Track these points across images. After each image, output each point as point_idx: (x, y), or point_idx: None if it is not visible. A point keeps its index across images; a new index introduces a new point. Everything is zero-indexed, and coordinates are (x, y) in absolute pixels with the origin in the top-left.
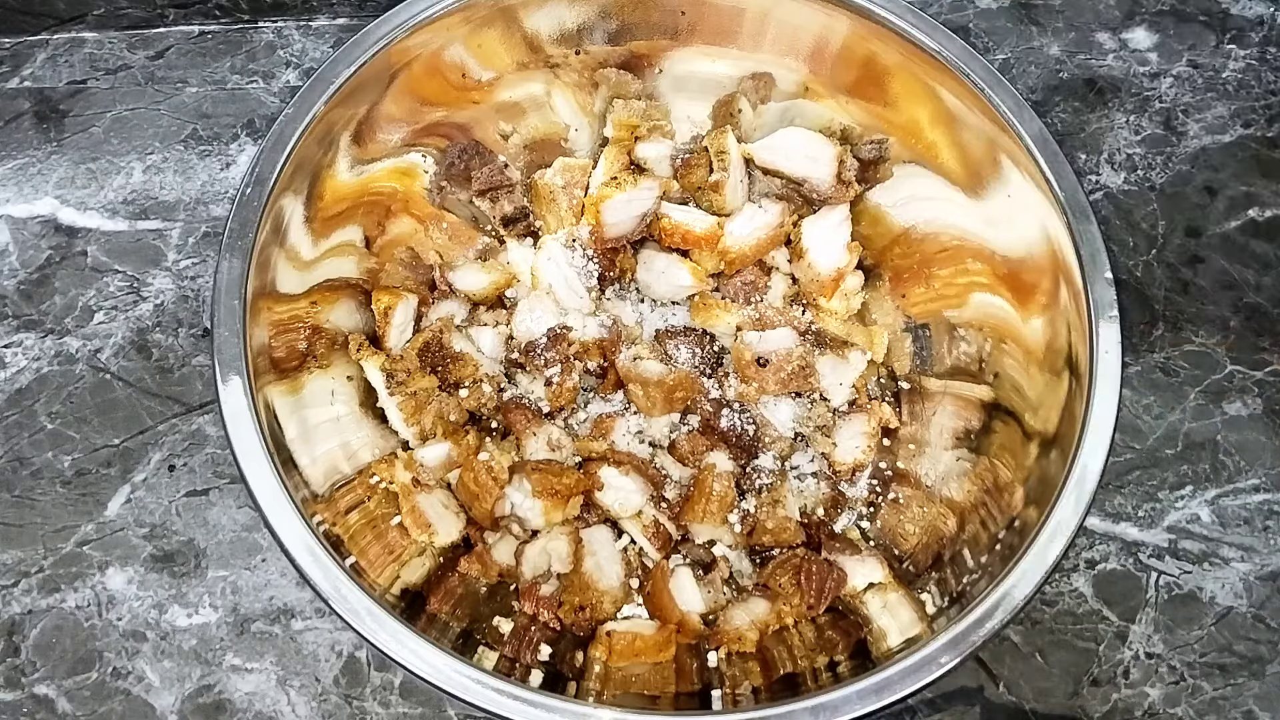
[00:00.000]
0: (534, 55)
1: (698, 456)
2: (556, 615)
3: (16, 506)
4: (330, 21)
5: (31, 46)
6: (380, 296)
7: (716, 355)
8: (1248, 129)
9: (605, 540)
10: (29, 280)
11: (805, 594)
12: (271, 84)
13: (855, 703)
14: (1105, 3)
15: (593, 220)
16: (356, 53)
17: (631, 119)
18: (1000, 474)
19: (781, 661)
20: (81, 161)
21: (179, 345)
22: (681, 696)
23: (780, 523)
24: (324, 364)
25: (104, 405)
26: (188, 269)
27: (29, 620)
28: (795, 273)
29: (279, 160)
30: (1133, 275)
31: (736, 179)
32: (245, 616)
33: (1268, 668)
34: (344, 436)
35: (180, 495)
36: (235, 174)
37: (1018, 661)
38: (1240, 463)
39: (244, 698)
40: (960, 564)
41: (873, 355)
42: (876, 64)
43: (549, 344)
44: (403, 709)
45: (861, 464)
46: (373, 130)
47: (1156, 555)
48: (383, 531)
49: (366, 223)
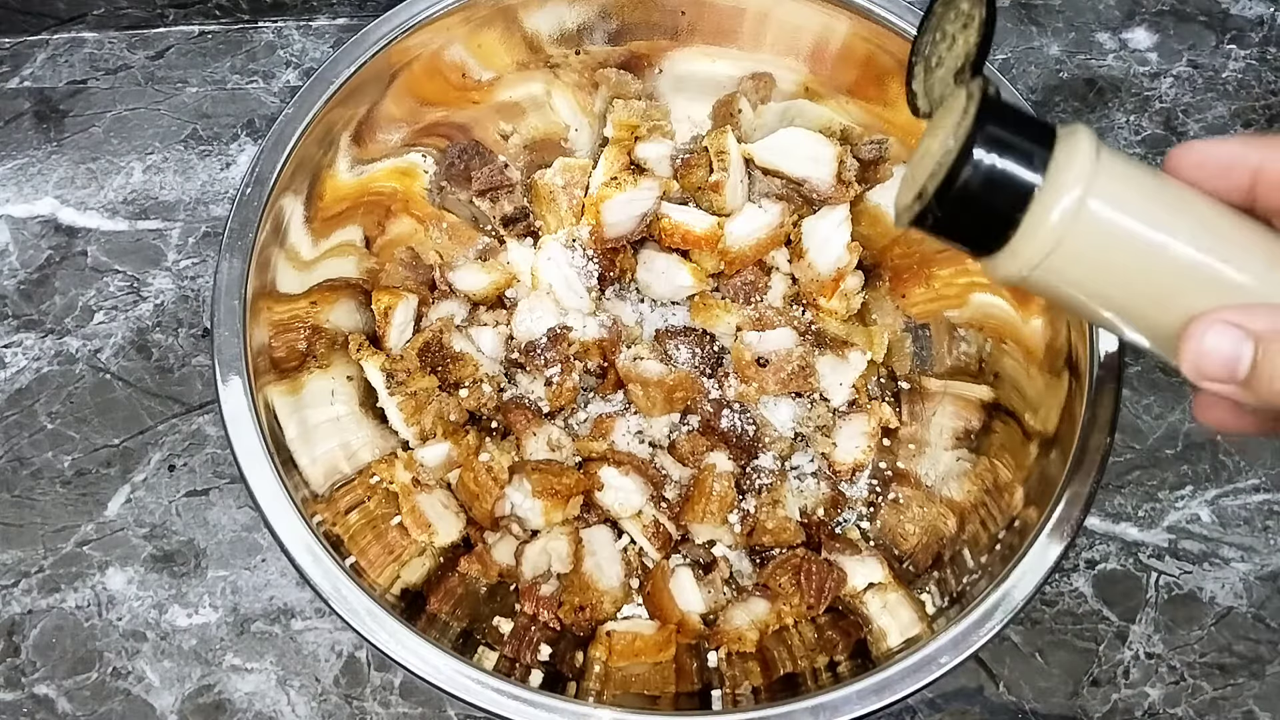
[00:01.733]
0: (534, 55)
1: (698, 456)
2: (556, 615)
3: (16, 506)
4: (330, 21)
5: (31, 46)
6: (380, 296)
7: (716, 355)
8: (1248, 129)
9: (605, 540)
10: (29, 280)
11: (805, 594)
12: (271, 84)
13: (855, 703)
14: (1105, 3)
15: (593, 220)
16: (356, 53)
17: (631, 119)
18: (1000, 474)
19: (781, 661)
20: (81, 161)
21: (179, 345)
22: (681, 696)
23: (780, 523)
24: (324, 364)
25: (104, 405)
26: (188, 269)
27: (29, 620)
28: (795, 273)
29: (279, 160)
30: None
31: (736, 179)
32: (245, 616)
33: (1268, 668)
34: (344, 436)
35: (180, 495)
36: (235, 174)
37: (1018, 661)
38: (1240, 463)
39: (244, 698)
40: (960, 564)
41: (873, 355)
42: (876, 64)
43: (549, 344)
44: (403, 709)
45: (861, 464)
46: (373, 130)
47: (1156, 555)
48: (383, 531)
49: (366, 223)
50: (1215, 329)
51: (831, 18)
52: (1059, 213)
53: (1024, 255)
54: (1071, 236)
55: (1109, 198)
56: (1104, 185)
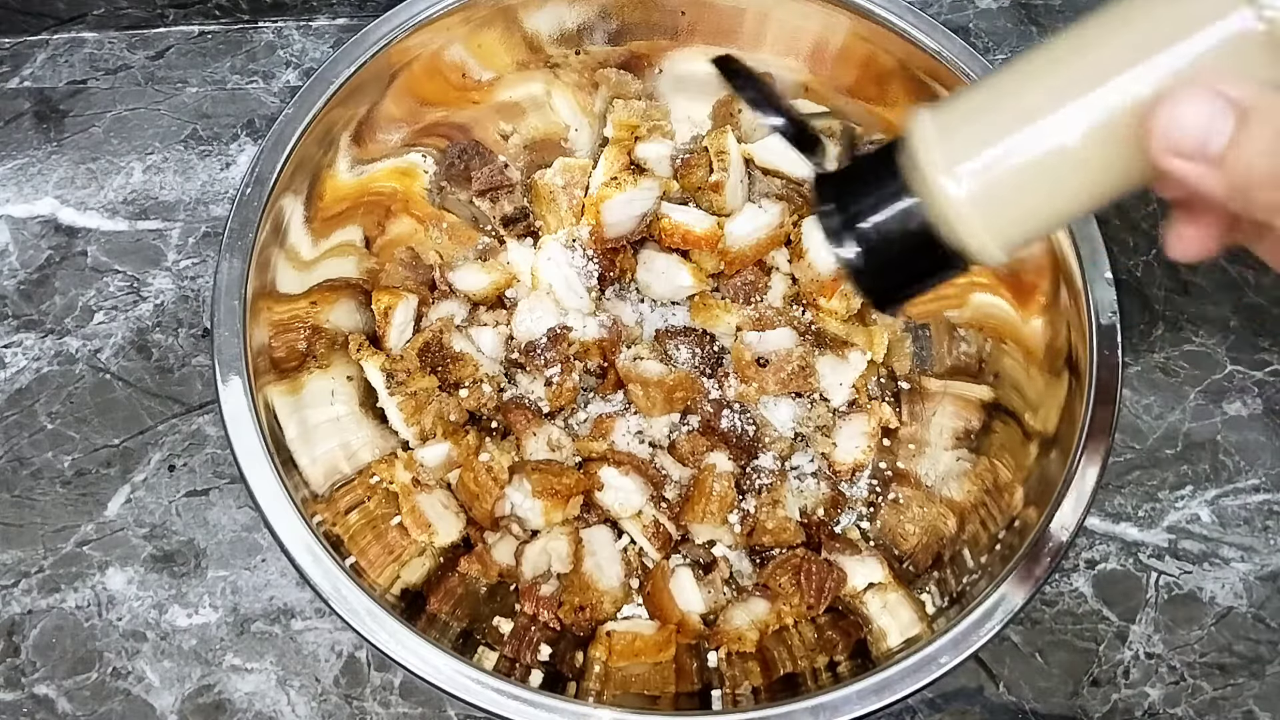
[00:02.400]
0: (534, 55)
1: (698, 456)
2: (556, 615)
3: (16, 506)
4: (330, 21)
5: (31, 46)
6: (380, 296)
7: (716, 355)
8: None
9: (605, 540)
10: (29, 280)
11: (805, 594)
12: (271, 84)
13: (855, 703)
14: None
15: (593, 220)
16: (356, 53)
17: (631, 119)
18: (1000, 474)
19: (781, 661)
20: (81, 161)
21: (179, 345)
22: (681, 696)
23: (780, 523)
24: (324, 364)
25: (104, 405)
26: (188, 269)
27: (29, 620)
28: (795, 273)
29: (279, 160)
30: (1133, 275)
31: (736, 179)
32: (245, 616)
33: (1268, 668)
34: (344, 436)
35: (180, 495)
36: (235, 174)
37: (1018, 661)
38: (1240, 463)
39: (244, 698)
40: (960, 564)
41: (873, 355)
42: (876, 64)
43: (549, 344)
44: (403, 709)
45: (861, 464)
46: (373, 130)
47: (1156, 555)
48: (383, 531)
49: (366, 223)
50: (1194, 95)
51: (831, 18)
52: (950, 202)
53: (975, 242)
54: (983, 199)
55: (967, 149)
56: (956, 147)
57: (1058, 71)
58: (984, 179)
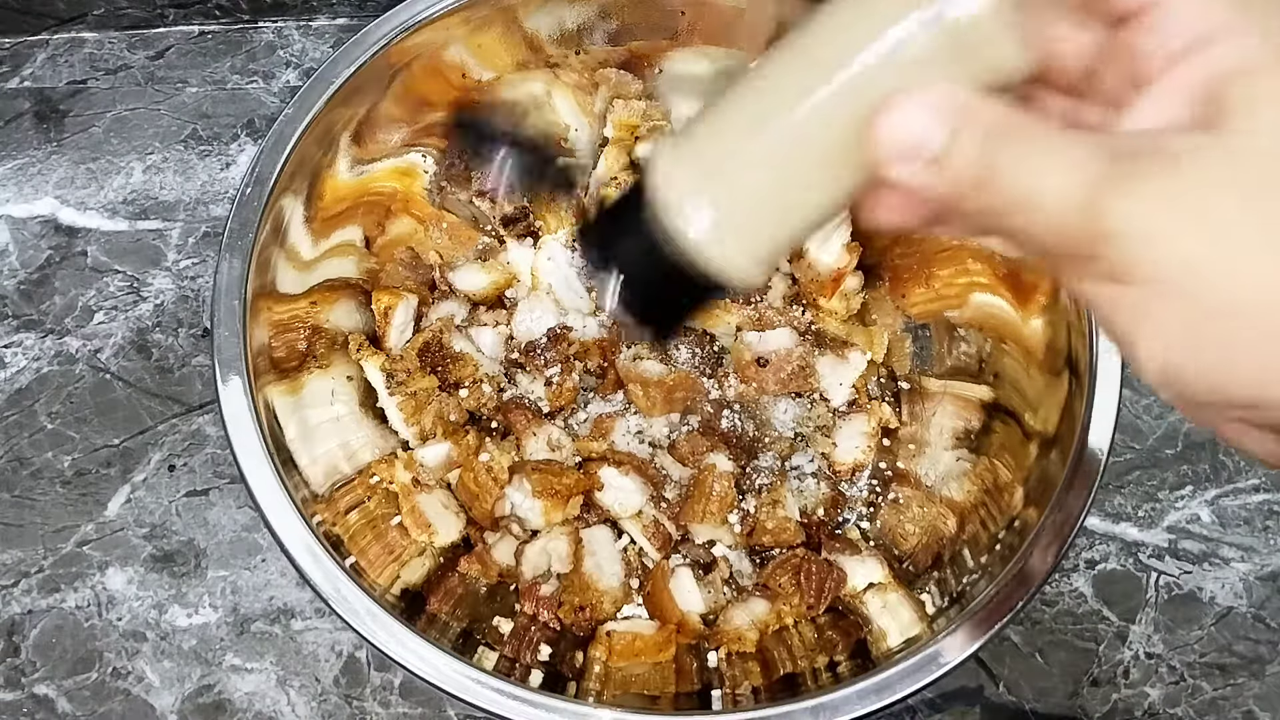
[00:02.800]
0: (534, 55)
1: (698, 456)
2: (556, 615)
3: (16, 506)
4: (330, 21)
5: (31, 46)
6: (380, 296)
7: (716, 355)
8: None
9: (605, 540)
10: (29, 280)
11: (805, 594)
12: (271, 84)
13: (855, 703)
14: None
15: None
16: (356, 53)
17: (631, 119)
18: (1000, 474)
19: (781, 661)
20: (81, 161)
21: (179, 345)
22: (681, 696)
23: (780, 523)
24: (324, 364)
25: (104, 405)
26: (188, 269)
27: (29, 620)
28: (795, 273)
29: (279, 160)
30: None
31: None
32: (245, 616)
33: (1268, 668)
34: (344, 436)
35: (180, 495)
36: (235, 174)
37: (1018, 661)
38: (1240, 463)
39: (244, 698)
40: (960, 564)
41: (873, 355)
42: None
43: (549, 344)
44: (403, 709)
45: (861, 464)
46: (373, 130)
47: (1156, 555)
48: (383, 531)
49: (366, 223)
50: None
51: None
52: (690, 242)
53: (726, 271)
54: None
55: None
56: (687, 182)
57: (763, 98)
58: (716, 214)
